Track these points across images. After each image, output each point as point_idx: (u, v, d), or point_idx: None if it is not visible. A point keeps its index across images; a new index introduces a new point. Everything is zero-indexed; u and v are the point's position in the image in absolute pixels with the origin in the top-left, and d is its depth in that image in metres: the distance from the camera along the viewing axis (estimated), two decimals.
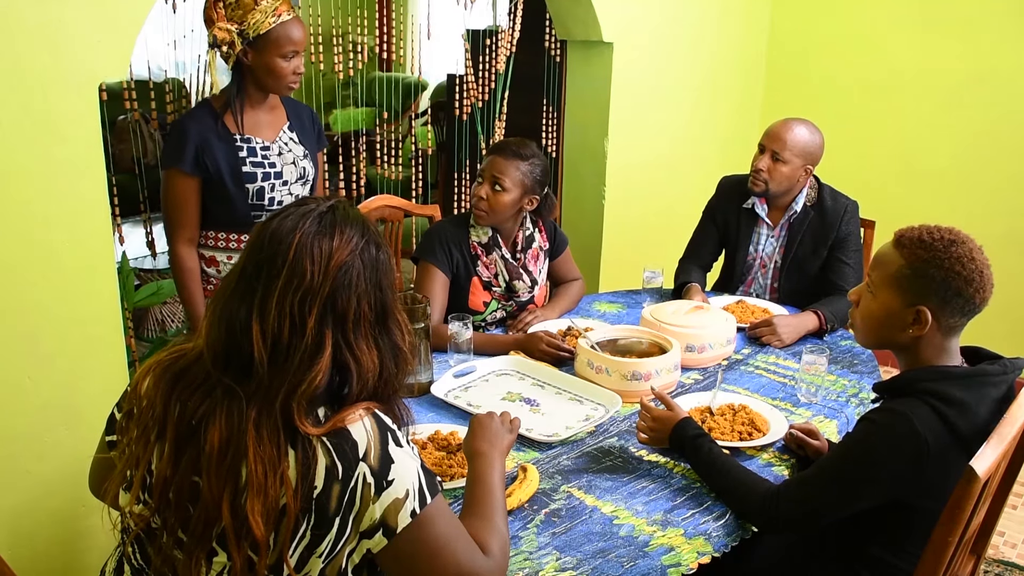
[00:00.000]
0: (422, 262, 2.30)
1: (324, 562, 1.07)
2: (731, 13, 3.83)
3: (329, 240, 1.08)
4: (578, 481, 1.58)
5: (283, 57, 2.08)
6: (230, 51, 2.06)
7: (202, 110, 2.15)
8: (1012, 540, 2.71)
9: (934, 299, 1.40)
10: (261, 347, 1.04)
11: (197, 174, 2.09)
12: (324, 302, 1.06)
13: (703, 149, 3.89)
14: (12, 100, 1.73)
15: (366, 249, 1.11)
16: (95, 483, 1.28)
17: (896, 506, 1.41)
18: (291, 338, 1.05)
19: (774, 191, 2.56)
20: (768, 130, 2.56)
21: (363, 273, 1.09)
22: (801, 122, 2.54)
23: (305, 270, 1.05)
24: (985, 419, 1.38)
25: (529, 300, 2.43)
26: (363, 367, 1.09)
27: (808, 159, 2.53)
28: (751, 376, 2.10)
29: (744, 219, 2.69)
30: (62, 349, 1.90)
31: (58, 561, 2.00)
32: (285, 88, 2.14)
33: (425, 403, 1.89)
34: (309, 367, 1.05)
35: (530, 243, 2.41)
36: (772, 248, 2.67)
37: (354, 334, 1.09)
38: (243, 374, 1.05)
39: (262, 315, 1.05)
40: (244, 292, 1.07)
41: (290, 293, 1.05)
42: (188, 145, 2.07)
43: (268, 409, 1.03)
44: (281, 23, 2.05)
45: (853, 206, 2.60)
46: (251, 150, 2.15)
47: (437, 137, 5.34)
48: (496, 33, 3.47)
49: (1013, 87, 3.51)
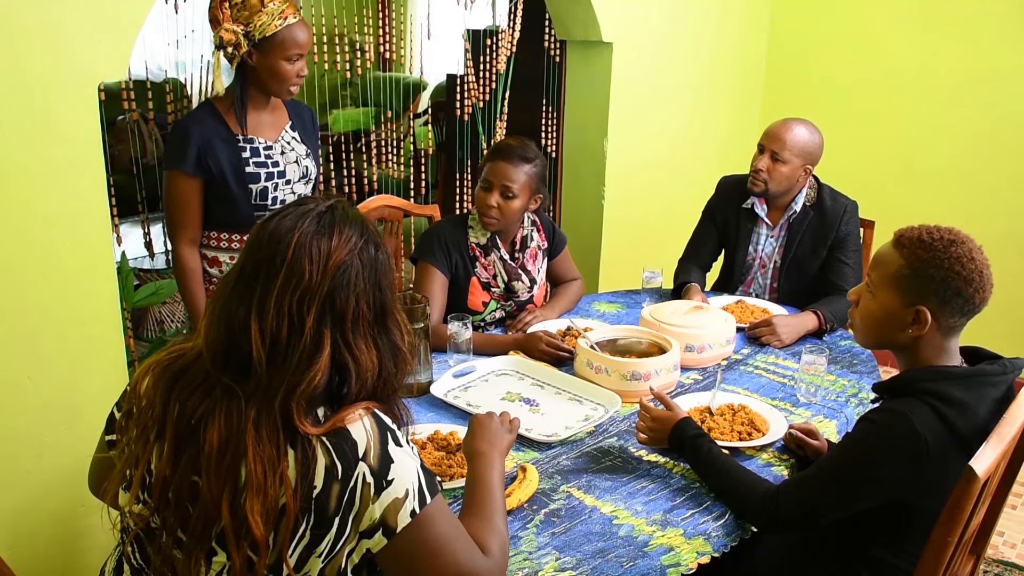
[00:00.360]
0: (421, 262, 2.30)
1: (323, 562, 1.07)
2: (731, 13, 3.83)
3: (328, 239, 1.08)
4: (577, 481, 1.58)
5: (287, 60, 2.07)
6: (235, 52, 2.05)
7: (204, 111, 2.14)
8: (1012, 540, 2.71)
9: (933, 299, 1.40)
10: (259, 346, 1.04)
11: (199, 175, 2.09)
12: (323, 301, 1.06)
13: (703, 149, 3.88)
14: (12, 100, 1.73)
15: (365, 249, 1.10)
16: (94, 483, 1.28)
17: (896, 506, 1.41)
18: (289, 337, 1.04)
19: (773, 191, 2.56)
20: (767, 130, 2.56)
21: (362, 273, 1.09)
22: (800, 122, 2.54)
23: (304, 269, 1.05)
24: (984, 419, 1.38)
25: (528, 300, 2.43)
26: (362, 367, 1.09)
27: (807, 159, 2.53)
28: (750, 376, 2.10)
29: (744, 219, 2.68)
30: (62, 349, 1.90)
31: (58, 561, 2.00)
32: (286, 92, 2.14)
33: (425, 403, 1.89)
34: (308, 367, 1.04)
35: (528, 243, 2.41)
36: (772, 248, 2.67)
37: (353, 334, 1.08)
38: (242, 373, 1.05)
39: (260, 314, 1.05)
40: (243, 291, 1.07)
41: (288, 292, 1.05)
42: (190, 146, 2.06)
43: (267, 409, 1.03)
44: (287, 26, 2.04)
45: (853, 206, 2.60)
46: (254, 150, 2.14)
47: (437, 137, 5.34)
48: (496, 33, 3.47)
49: (1013, 87, 3.51)
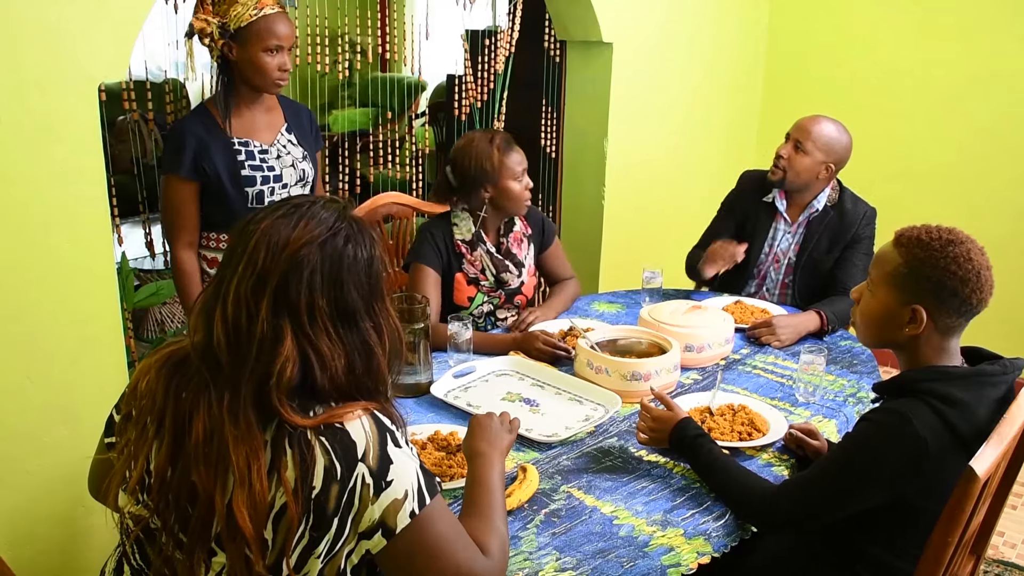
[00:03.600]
0: (414, 264, 2.30)
1: (322, 563, 1.07)
2: (730, 13, 3.82)
3: (291, 228, 1.06)
4: (578, 481, 1.58)
5: (267, 51, 2.05)
6: (212, 44, 2.03)
7: (199, 113, 2.14)
8: (1012, 540, 2.71)
9: (930, 298, 1.40)
10: (221, 335, 1.04)
11: (195, 179, 2.09)
12: (275, 290, 1.04)
13: (703, 149, 3.88)
14: (11, 100, 1.73)
15: (330, 241, 1.07)
16: (94, 486, 1.28)
17: (896, 506, 1.41)
18: (248, 326, 1.04)
19: (791, 182, 2.54)
20: (797, 121, 2.56)
21: (320, 265, 1.06)
22: (831, 121, 2.54)
23: (259, 257, 1.04)
24: (985, 419, 1.38)
25: (518, 287, 2.43)
26: (325, 359, 1.06)
27: (831, 156, 2.50)
28: (749, 376, 2.10)
29: (763, 213, 2.67)
30: (62, 349, 1.90)
31: (58, 561, 2.00)
32: (272, 85, 2.11)
33: (425, 403, 1.89)
34: (272, 357, 1.03)
35: (511, 228, 2.42)
36: (788, 244, 2.66)
37: (311, 326, 1.06)
38: (216, 364, 1.05)
39: (223, 303, 1.05)
40: (217, 283, 1.08)
41: (245, 280, 1.04)
42: (185, 150, 2.06)
43: (236, 399, 1.03)
44: (263, 16, 2.03)
45: (872, 212, 2.60)
46: (249, 153, 2.14)
47: (436, 137, 5.34)
48: (495, 33, 3.46)
49: (1012, 87, 3.51)
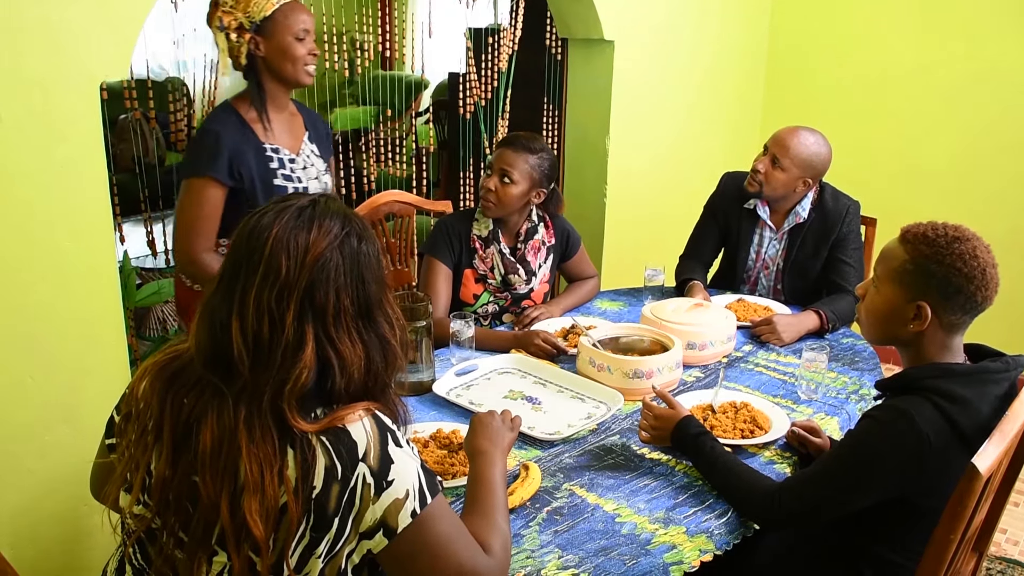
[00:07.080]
0: (426, 256, 2.34)
1: (323, 562, 1.07)
2: (732, 11, 3.82)
3: (307, 233, 1.06)
4: (580, 479, 1.58)
5: (296, 37, 2.02)
6: (240, 39, 1.99)
7: (229, 116, 2.06)
8: (1014, 537, 2.71)
9: (934, 295, 1.40)
10: (241, 345, 1.03)
11: (231, 184, 2.01)
12: (302, 297, 1.04)
13: (704, 147, 3.88)
14: (13, 99, 1.73)
15: (346, 241, 1.08)
16: (96, 487, 1.28)
17: (898, 503, 1.41)
18: (271, 335, 1.03)
19: (768, 195, 2.54)
20: (776, 133, 2.53)
21: (342, 266, 1.07)
22: (811, 133, 2.49)
23: (281, 265, 1.04)
24: (987, 416, 1.38)
25: (526, 293, 2.43)
26: (346, 361, 1.07)
27: (808, 172, 2.48)
28: (751, 373, 2.10)
29: (745, 220, 2.66)
30: (64, 348, 1.90)
31: (60, 560, 2.00)
32: (304, 73, 2.06)
33: (427, 401, 1.89)
34: (293, 364, 1.03)
35: (532, 235, 2.41)
36: (775, 251, 2.65)
37: (335, 328, 1.06)
38: (228, 373, 1.05)
39: (241, 313, 1.04)
40: (225, 291, 1.06)
41: (267, 289, 1.04)
42: (223, 153, 1.98)
43: (257, 407, 1.03)
44: (284, 3, 2.00)
45: (855, 207, 2.58)
46: (281, 161, 2.09)
47: (439, 135, 5.34)
48: (498, 31, 3.46)
49: (1013, 87, 3.49)
